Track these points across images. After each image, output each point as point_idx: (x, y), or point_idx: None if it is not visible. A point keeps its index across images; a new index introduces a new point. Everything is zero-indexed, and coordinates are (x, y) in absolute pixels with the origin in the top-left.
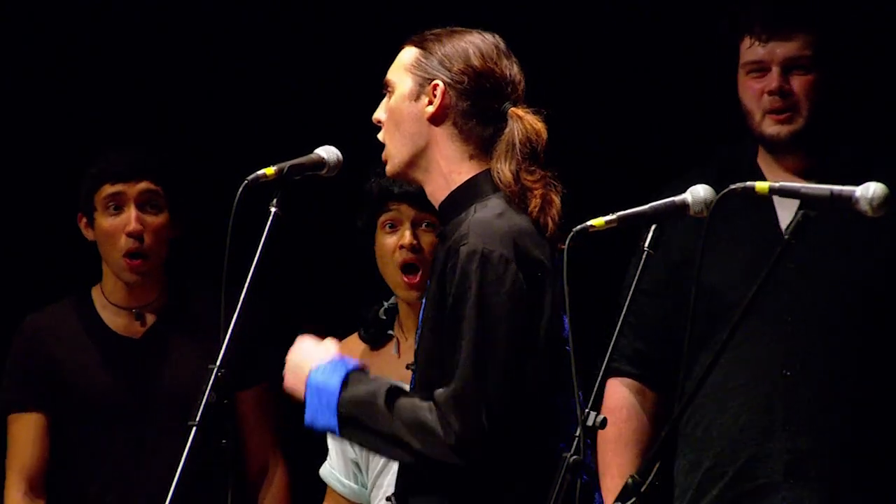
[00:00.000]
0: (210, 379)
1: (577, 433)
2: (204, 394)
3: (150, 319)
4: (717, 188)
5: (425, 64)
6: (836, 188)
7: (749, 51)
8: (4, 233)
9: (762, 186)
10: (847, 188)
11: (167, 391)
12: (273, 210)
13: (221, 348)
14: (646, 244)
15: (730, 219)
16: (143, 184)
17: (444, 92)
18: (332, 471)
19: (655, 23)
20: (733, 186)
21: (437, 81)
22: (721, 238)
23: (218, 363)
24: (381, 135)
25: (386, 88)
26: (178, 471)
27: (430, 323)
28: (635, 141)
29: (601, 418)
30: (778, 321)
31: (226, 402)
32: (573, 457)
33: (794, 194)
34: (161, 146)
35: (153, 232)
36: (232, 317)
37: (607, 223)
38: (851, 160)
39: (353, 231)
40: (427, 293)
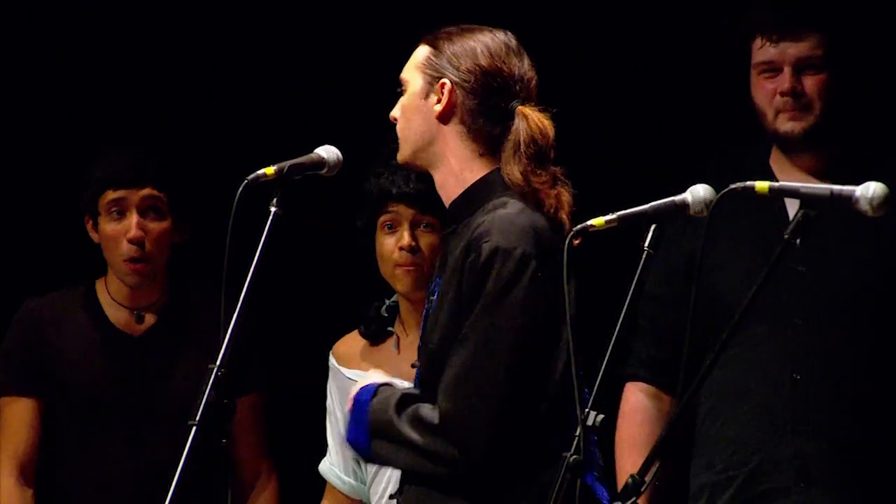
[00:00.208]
0: (210, 378)
1: (577, 433)
2: (204, 393)
3: (151, 319)
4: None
5: (435, 62)
6: (837, 188)
7: (761, 51)
8: (15, 222)
9: (762, 186)
10: (847, 188)
11: (162, 390)
12: (273, 210)
13: (221, 348)
14: (646, 244)
15: (738, 220)
16: (146, 190)
17: (452, 91)
18: (332, 467)
19: (655, 22)
20: (733, 186)
21: (445, 80)
22: (729, 239)
23: (218, 363)
24: (397, 129)
25: (401, 87)
26: (178, 470)
27: (447, 318)
28: (635, 141)
29: (601, 418)
30: (787, 324)
31: (225, 402)
32: (573, 456)
33: (794, 194)
34: (164, 150)
35: (155, 238)
36: (232, 316)
37: (607, 223)
38: (865, 160)
39: (353, 231)
40: (441, 288)
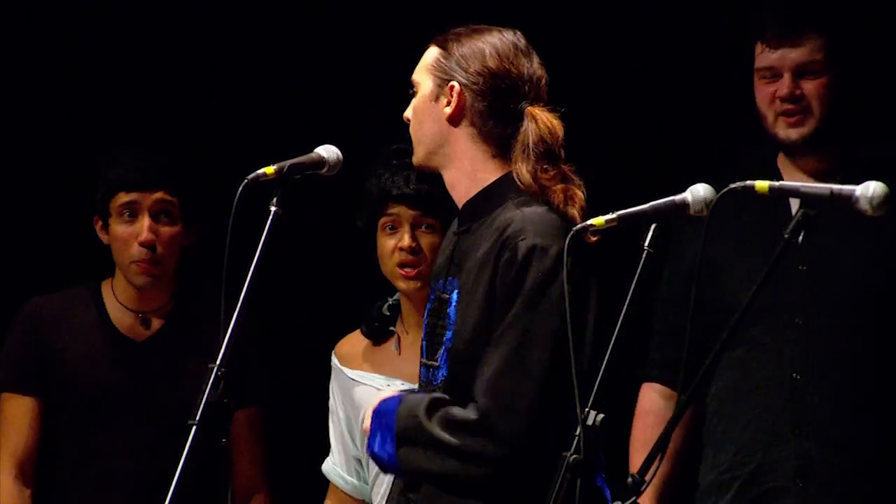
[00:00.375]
0: (210, 378)
1: (577, 432)
2: (204, 393)
3: (157, 324)
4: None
5: (444, 65)
6: (836, 187)
7: (761, 56)
8: (21, 221)
9: (762, 186)
10: (847, 187)
11: (163, 395)
12: (273, 209)
13: (221, 347)
14: (646, 243)
15: (743, 220)
16: (159, 194)
17: (461, 93)
18: (335, 467)
19: (655, 22)
20: (733, 186)
21: (454, 83)
22: (735, 240)
23: (218, 362)
24: (410, 131)
25: (412, 88)
26: (178, 470)
27: (477, 317)
28: (635, 141)
29: (600, 417)
30: (788, 324)
31: (225, 402)
32: (573, 456)
33: (794, 193)
34: (177, 154)
35: (166, 242)
36: (232, 316)
37: (607, 222)
38: (870, 160)
39: (354, 230)
40: (462, 287)
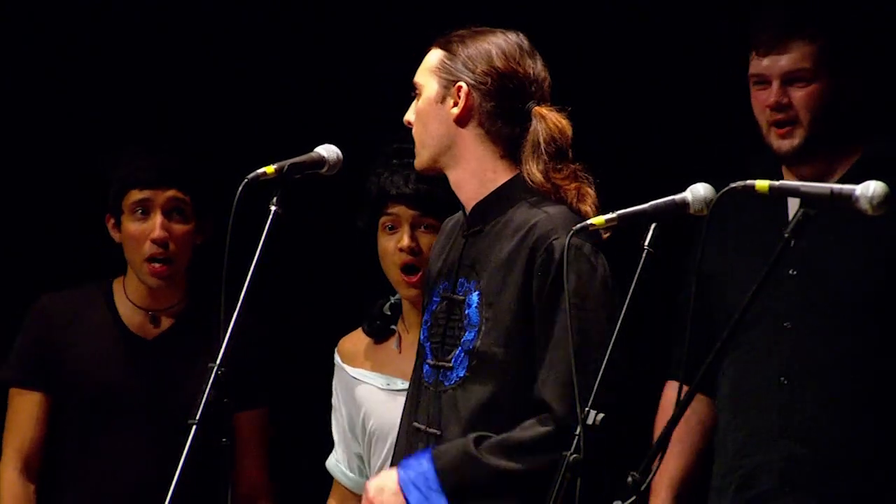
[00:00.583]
0: (210, 377)
1: (577, 432)
2: (204, 392)
3: (166, 323)
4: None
5: (449, 66)
6: (837, 187)
7: (753, 63)
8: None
9: (762, 185)
10: (847, 186)
11: (172, 394)
12: (273, 208)
13: (221, 347)
14: (646, 243)
15: (743, 221)
16: (172, 192)
17: (468, 94)
18: (338, 463)
19: (656, 23)
20: (733, 185)
21: (461, 83)
22: (735, 240)
23: (218, 361)
24: (413, 134)
25: (414, 91)
26: (178, 469)
27: (511, 320)
28: (635, 141)
29: (600, 417)
30: (778, 328)
31: (225, 401)
32: (573, 455)
33: (794, 193)
34: (190, 152)
35: (178, 239)
36: (232, 316)
37: (607, 221)
38: (871, 161)
39: (354, 229)
40: (485, 288)
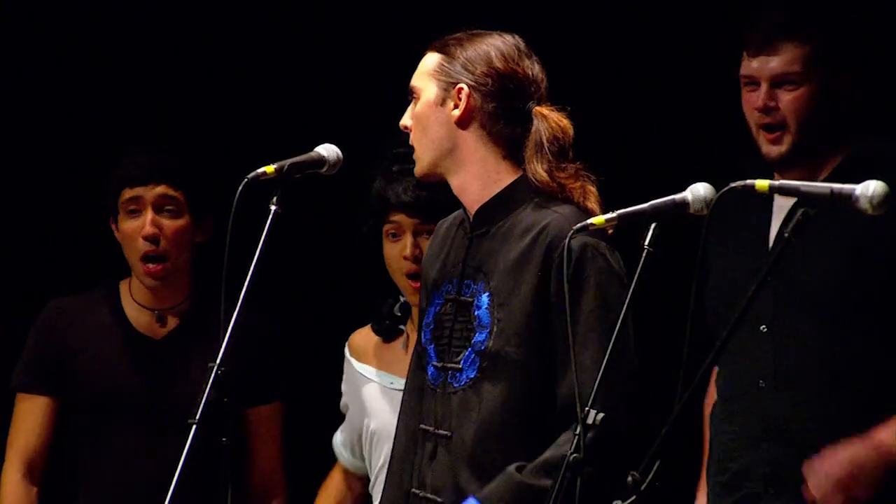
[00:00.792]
0: (210, 377)
1: (577, 431)
2: (204, 392)
3: (173, 322)
4: None
5: (448, 68)
6: (837, 186)
7: (743, 64)
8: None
9: (762, 184)
10: (847, 186)
11: (179, 394)
12: (273, 208)
13: (221, 346)
14: (646, 242)
15: (738, 221)
16: (161, 188)
17: (469, 95)
18: (339, 445)
19: (655, 23)
20: (733, 185)
21: (462, 85)
22: (732, 240)
23: (218, 361)
24: (411, 139)
25: (411, 95)
26: (179, 468)
27: (525, 321)
28: (635, 141)
29: (600, 416)
30: (756, 332)
31: (225, 401)
32: (573, 455)
33: (794, 192)
34: (183, 149)
35: (170, 236)
36: (232, 315)
37: (607, 221)
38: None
39: (354, 229)
40: (496, 290)
